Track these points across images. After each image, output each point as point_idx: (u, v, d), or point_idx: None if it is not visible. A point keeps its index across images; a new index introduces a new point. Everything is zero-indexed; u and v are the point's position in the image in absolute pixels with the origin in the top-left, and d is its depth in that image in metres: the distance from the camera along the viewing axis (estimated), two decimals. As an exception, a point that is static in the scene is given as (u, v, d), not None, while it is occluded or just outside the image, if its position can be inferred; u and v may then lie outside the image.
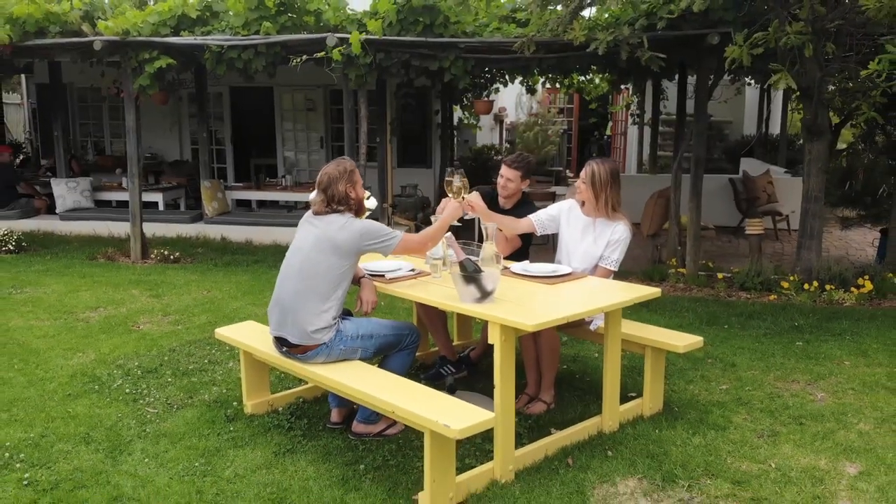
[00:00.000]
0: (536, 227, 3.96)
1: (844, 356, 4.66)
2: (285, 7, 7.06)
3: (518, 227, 3.97)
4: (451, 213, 3.54)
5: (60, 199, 9.43)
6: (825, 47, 5.72)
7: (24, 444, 3.41)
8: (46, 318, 5.48)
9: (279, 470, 3.13)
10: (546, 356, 3.70)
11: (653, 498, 2.94)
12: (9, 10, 7.32)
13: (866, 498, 2.97)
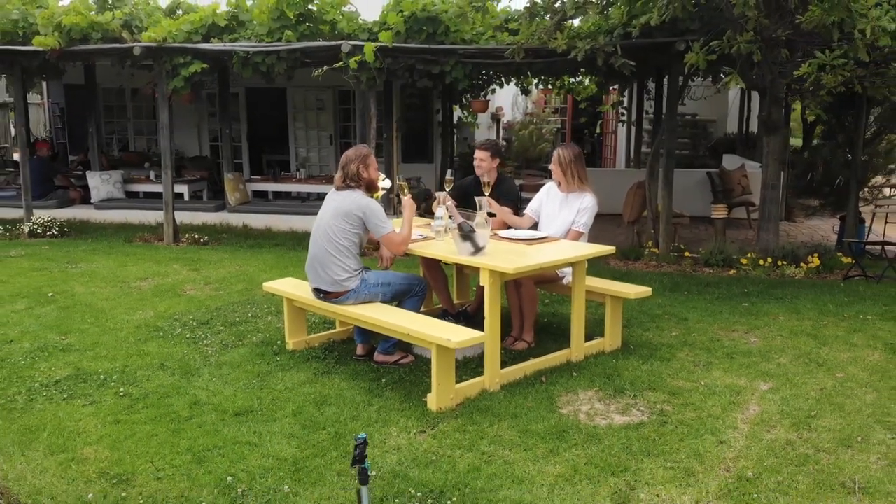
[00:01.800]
0: (535, 217, 4.90)
1: (780, 313, 5.57)
2: (304, 17, 7.97)
3: (523, 224, 4.89)
4: (410, 212, 4.35)
5: (95, 190, 10.34)
6: (780, 53, 6.62)
7: (112, 371, 4.32)
8: (104, 286, 6.39)
9: (319, 384, 4.04)
10: (526, 304, 4.61)
11: (605, 403, 3.85)
12: (58, 19, 8.23)
13: (770, 404, 3.87)
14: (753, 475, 3.13)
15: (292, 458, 3.26)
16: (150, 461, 3.26)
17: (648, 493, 2.99)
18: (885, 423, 3.65)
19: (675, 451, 3.34)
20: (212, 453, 3.31)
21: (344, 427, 3.54)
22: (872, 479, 3.12)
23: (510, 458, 3.26)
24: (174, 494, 3.00)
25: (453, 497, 2.93)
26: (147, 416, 3.71)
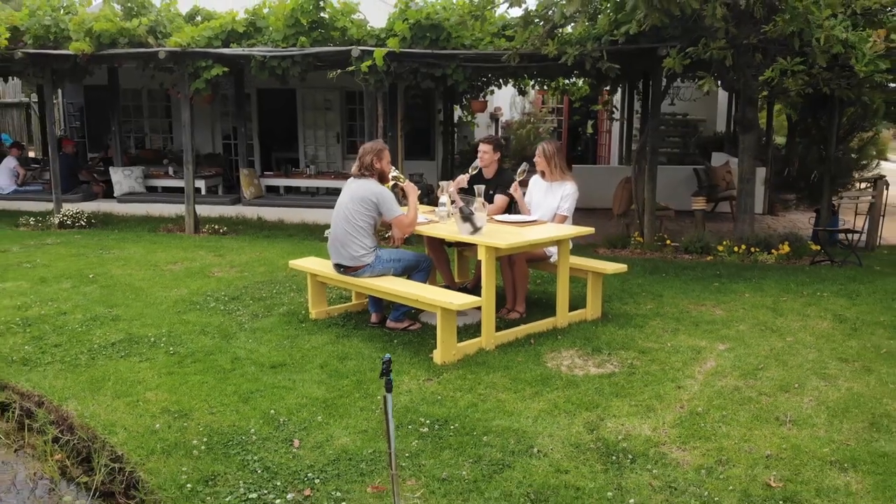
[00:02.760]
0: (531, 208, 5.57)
1: (746, 291, 6.24)
2: (317, 24, 8.63)
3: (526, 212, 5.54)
4: (414, 196, 4.98)
5: (118, 185, 11.00)
6: (753, 57, 7.28)
7: (159, 336, 4.99)
8: (138, 269, 7.06)
9: (340, 345, 4.72)
10: (518, 280, 5.28)
11: (584, 358, 4.53)
12: (89, 26, 8.89)
13: (725, 360, 4.54)
14: (702, 411, 3.80)
15: (322, 398, 3.93)
16: (203, 401, 3.94)
17: (615, 423, 3.66)
18: (821, 374, 4.32)
19: (639, 393, 4.01)
20: (254, 395, 3.98)
21: (363, 376, 4.22)
22: (802, 415, 3.78)
23: (502, 398, 3.93)
24: (227, 424, 3.67)
25: (455, 424, 3.61)
26: (195, 369, 4.38)
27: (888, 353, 4.71)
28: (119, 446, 3.58)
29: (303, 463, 3.29)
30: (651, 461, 3.29)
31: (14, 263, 7.35)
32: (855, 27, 6.03)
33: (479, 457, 3.32)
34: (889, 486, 3.10)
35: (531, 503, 2.97)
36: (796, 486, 3.10)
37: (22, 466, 3.88)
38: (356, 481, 3.14)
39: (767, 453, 3.37)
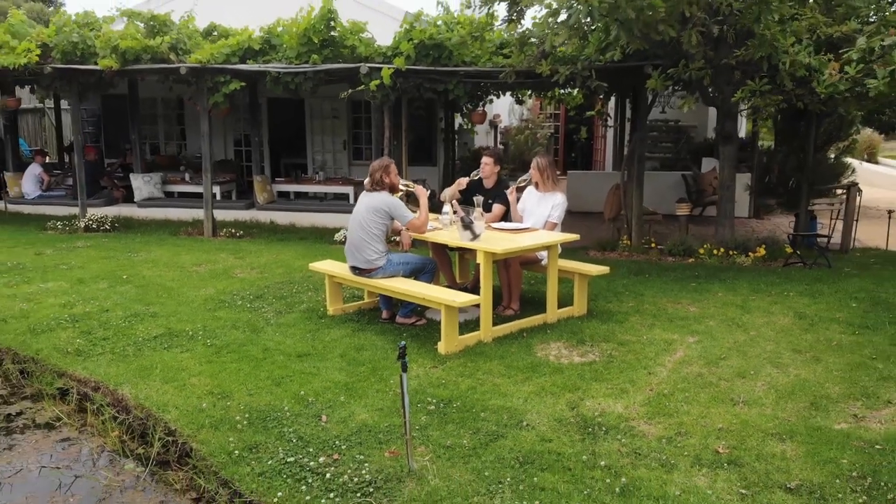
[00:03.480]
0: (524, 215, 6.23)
1: (720, 291, 6.89)
2: (327, 42, 9.28)
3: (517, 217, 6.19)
4: (424, 198, 5.65)
5: (138, 191, 11.66)
6: (732, 75, 7.92)
7: (196, 330, 5.64)
8: (167, 270, 7.72)
9: (356, 337, 5.37)
10: (513, 281, 5.94)
11: (569, 349, 5.18)
12: (115, 43, 9.54)
13: (693, 351, 5.19)
14: (668, 393, 4.45)
15: (343, 382, 4.58)
16: (241, 384, 4.59)
17: (592, 402, 4.31)
18: (775, 363, 4.97)
19: (615, 378, 4.66)
20: (285, 380, 4.64)
21: (378, 364, 4.87)
22: (753, 397, 4.43)
23: (497, 382, 4.58)
24: (263, 403, 4.33)
25: (457, 403, 4.26)
26: (231, 358, 5.04)
27: (838, 345, 5.36)
28: (172, 422, 4.23)
29: (330, 434, 3.94)
30: (621, 433, 3.94)
31: (51, 265, 8.01)
32: (818, 52, 6.67)
33: (478, 429, 3.97)
34: (818, 453, 3.74)
35: (520, 465, 3.61)
36: (740, 453, 3.74)
37: (86, 441, 4.53)
38: (375, 448, 3.79)
39: (720, 427, 4.02)
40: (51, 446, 4.45)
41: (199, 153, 14.18)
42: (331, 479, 3.50)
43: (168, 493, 3.87)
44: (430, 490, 3.37)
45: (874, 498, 3.34)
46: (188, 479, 3.92)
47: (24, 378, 5.35)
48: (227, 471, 3.69)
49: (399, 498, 3.33)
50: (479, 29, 8.70)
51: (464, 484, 3.43)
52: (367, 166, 12.99)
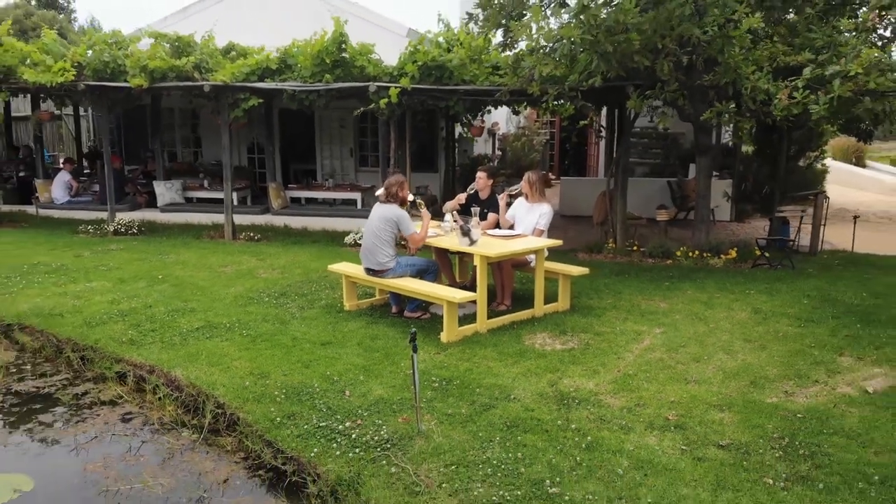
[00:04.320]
0: (511, 220, 7.10)
1: (689, 289, 7.78)
2: (339, 63, 10.16)
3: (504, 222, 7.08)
4: (427, 221, 6.54)
5: (160, 196, 12.54)
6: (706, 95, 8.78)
7: (232, 323, 6.53)
8: (197, 270, 8.60)
9: (370, 329, 6.26)
10: (505, 280, 6.82)
11: (552, 339, 6.07)
12: (143, 63, 10.43)
13: (658, 340, 6.07)
14: (632, 373, 5.34)
15: (361, 364, 5.47)
16: (276, 366, 5.48)
17: (569, 381, 5.20)
18: (727, 350, 5.86)
19: (589, 362, 5.55)
20: (313, 363, 5.52)
21: (390, 350, 5.76)
22: (703, 377, 5.32)
23: (490, 365, 5.47)
24: (296, 381, 5.21)
25: (456, 381, 5.15)
26: (266, 346, 5.93)
27: (783, 335, 6.25)
28: (220, 397, 5.12)
29: (353, 404, 4.83)
30: (591, 404, 4.83)
31: (91, 267, 8.90)
32: (777, 78, 7.54)
33: (473, 401, 4.85)
34: (749, 420, 4.63)
35: (507, 428, 4.50)
36: (686, 420, 4.63)
37: (146, 415, 5.42)
38: (390, 415, 4.67)
39: (672, 400, 4.91)
40: (116, 419, 5.33)
41: (214, 160, 15.11)
42: (356, 438, 4.39)
43: (221, 454, 4.76)
44: (436, 446, 4.26)
45: (788, 453, 4.22)
46: (237, 442, 4.81)
47: (85, 364, 6.24)
48: (271, 434, 4.58)
49: (411, 451, 4.22)
50: (477, 52, 9.57)
51: (462, 442, 4.32)
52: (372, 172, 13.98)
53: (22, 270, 8.72)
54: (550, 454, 4.16)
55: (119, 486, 4.41)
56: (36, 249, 10.05)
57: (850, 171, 25.47)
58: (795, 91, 6.53)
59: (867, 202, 19.67)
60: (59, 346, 6.57)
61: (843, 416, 4.69)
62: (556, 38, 7.18)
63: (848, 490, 3.83)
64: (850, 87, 6.15)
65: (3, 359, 6.48)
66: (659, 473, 3.97)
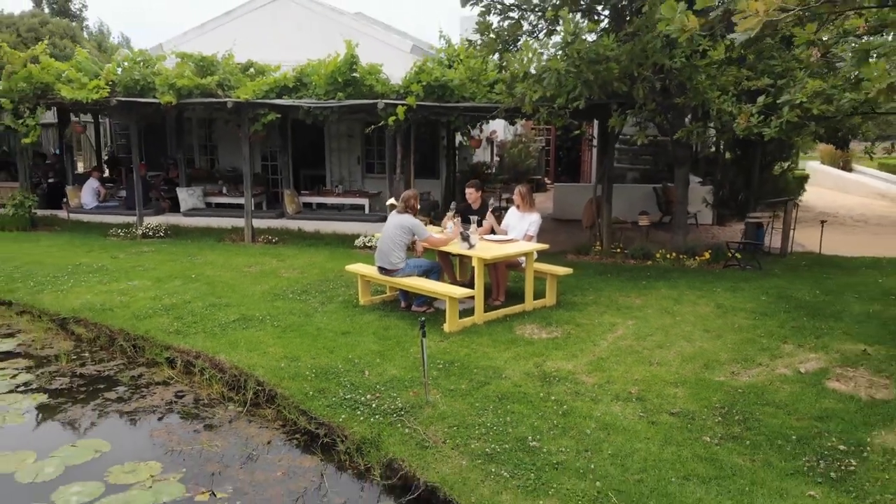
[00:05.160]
0: (506, 229, 8.10)
1: (663, 287, 8.79)
2: (350, 82, 11.18)
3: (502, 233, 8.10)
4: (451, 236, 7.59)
5: (183, 202, 13.56)
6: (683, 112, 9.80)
7: (263, 316, 7.53)
8: (225, 270, 9.62)
9: (383, 321, 7.28)
10: (500, 279, 7.84)
11: (539, 329, 7.08)
12: (172, 81, 11.44)
13: (629, 330, 7.08)
14: (605, 357, 6.35)
15: (377, 350, 6.49)
16: (305, 352, 6.49)
17: (552, 363, 6.21)
18: (688, 339, 6.87)
19: (570, 348, 6.56)
20: (336, 349, 6.54)
21: (401, 339, 6.77)
22: (665, 360, 6.33)
23: (486, 351, 6.48)
24: (323, 363, 6.22)
25: (457, 363, 6.16)
26: (295, 335, 6.94)
27: (738, 327, 7.26)
28: (260, 377, 6.13)
29: (372, 381, 5.84)
30: (568, 381, 5.84)
31: (129, 267, 9.91)
32: (741, 100, 8.54)
33: (471, 379, 5.86)
34: (698, 394, 5.62)
35: (498, 400, 5.50)
36: (646, 393, 5.63)
37: (195, 392, 6.42)
38: (402, 390, 5.68)
39: (636, 378, 5.92)
40: (171, 395, 6.34)
41: (230, 167, 16.14)
42: (375, 407, 5.40)
43: (263, 422, 5.77)
44: (440, 412, 5.27)
45: (726, 419, 5.23)
46: (275, 412, 5.82)
47: (137, 351, 7.25)
48: (305, 405, 5.59)
49: (420, 417, 5.23)
50: (476, 73, 10.58)
51: (461, 410, 5.33)
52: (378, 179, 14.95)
53: (67, 270, 9.74)
54: (533, 419, 5.18)
55: (182, 447, 5.42)
56: (75, 251, 11.07)
57: (836, 176, 26.46)
58: (751, 116, 7.51)
59: (849, 205, 20.69)
60: (111, 336, 7.58)
61: (776, 392, 5.70)
62: (545, 68, 8.17)
63: (769, 446, 4.83)
64: (797, 113, 7.13)
65: (64, 347, 7.49)
66: (619, 433, 4.98)
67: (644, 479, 4.40)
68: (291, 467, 5.07)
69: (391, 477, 4.75)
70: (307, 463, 5.12)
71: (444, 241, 7.60)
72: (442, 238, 7.62)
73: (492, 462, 4.61)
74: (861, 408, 5.41)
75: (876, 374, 6.06)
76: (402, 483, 4.69)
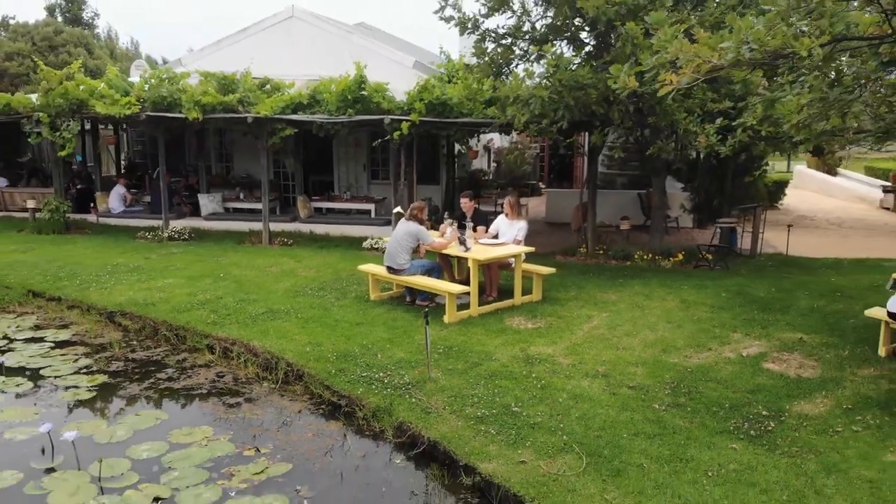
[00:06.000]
0: (495, 232, 9.29)
1: (636, 285, 9.96)
2: (359, 99, 12.35)
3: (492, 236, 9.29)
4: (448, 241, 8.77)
5: (204, 207, 14.74)
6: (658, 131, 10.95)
7: (288, 309, 8.71)
8: (249, 270, 10.79)
9: (391, 314, 8.46)
10: (492, 277, 9.03)
11: (526, 320, 8.26)
12: (197, 98, 12.61)
13: (603, 321, 8.26)
14: (580, 343, 7.53)
15: (387, 337, 7.66)
16: (326, 339, 7.67)
17: (535, 348, 7.38)
18: (652, 328, 8.04)
19: (551, 336, 7.73)
20: (352, 336, 7.71)
21: (407, 328, 7.94)
22: (630, 346, 7.50)
23: (480, 338, 7.66)
24: (342, 348, 7.40)
25: (455, 348, 7.33)
26: (316, 325, 8.11)
27: (697, 319, 8.43)
28: (289, 359, 7.30)
29: (383, 362, 7.01)
30: (548, 363, 7.01)
31: (162, 267, 11.09)
32: (703, 121, 9.71)
33: (467, 360, 7.04)
34: (654, 372, 6.80)
35: (489, 377, 6.67)
36: (611, 372, 6.80)
37: (232, 373, 7.59)
38: (409, 369, 6.85)
39: (604, 360, 7.09)
40: (213, 375, 7.51)
41: (244, 173, 17.31)
42: (387, 382, 6.57)
43: (293, 396, 6.94)
44: (441, 386, 6.45)
45: (674, 391, 6.39)
46: (303, 388, 6.99)
47: (179, 339, 8.42)
48: (329, 381, 6.76)
49: (424, 390, 6.40)
50: (473, 93, 11.75)
51: (458, 384, 6.50)
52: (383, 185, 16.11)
53: (107, 270, 10.91)
54: (516, 391, 6.35)
55: (227, 416, 6.59)
56: (110, 253, 12.25)
57: (821, 179, 27.58)
58: (710, 136, 8.69)
59: (828, 208, 21.83)
60: (155, 327, 8.75)
61: (719, 371, 6.87)
62: (531, 94, 9.34)
63: (706, 412, 6.00)
64: (748, 134, 8.30)
65: (114, 336, 8.66)
66: (586, 402, 6.15)
67: (602, 435, 5.57)
68: (319, 430, 6.25)
69: (401, 436, 5.91)
70: (332, 427, 6.30)
71: (444, 244, 8.79)
72: (442, 242, 8.82)
73: (482, 423, 5.79)
74: (788, 384, 6.58)
75: (807, 357, 7.23)
76: (409, 441, 5.85)
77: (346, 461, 5.73)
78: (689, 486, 4.85)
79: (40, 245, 13.05)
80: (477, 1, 10.71)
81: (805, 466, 5.13)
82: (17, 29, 31.84)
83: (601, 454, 5.26)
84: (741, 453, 5.30)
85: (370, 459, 5.75)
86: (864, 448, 5.39)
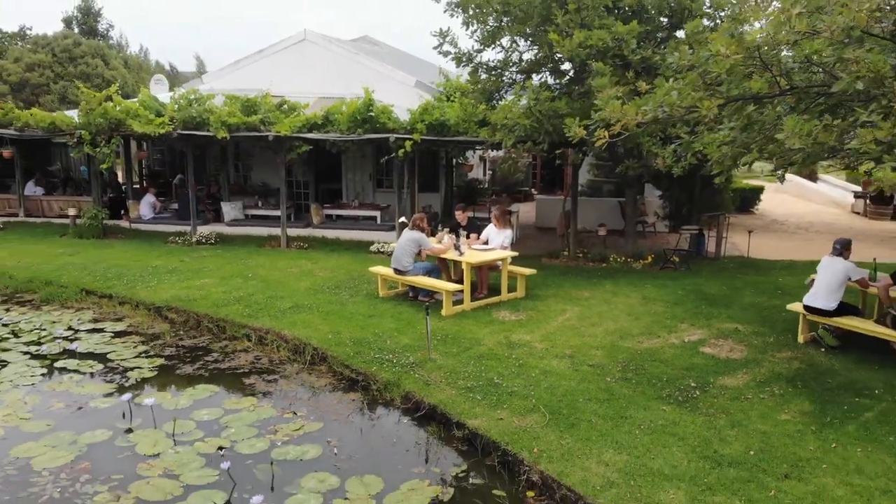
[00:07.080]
0: (485, 239, 10.93)
1: (607, 283, 11.60)
2: (367, 120, 13.99)
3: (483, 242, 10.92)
4: (446, 247, 10.42)
5: (227, 214, 16.36)
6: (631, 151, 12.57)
7: (311, 304, 10.35)
8: (273, 271, 12.43)
9: (398, 308, 10.10)
10: (483, 277, 10.66)
11: (510, 313, 9.89)
12: (224, 119, 14.25)
13: (575, 314, 9.89)
14: (553, 332, 9.16)
15: (395, 327, 9.30)
16: (344, 328, 9.30)
17: (516, 336, 9.01)
18: (613, 320, 9.67)
19: (530, 326, 9.37)
20: (365, 326, 9.35)
21: (411, 320, 9.58)
22: (593, 334, 9.13)
23: (472, 328, 9.29)
24: (358, 336, 9.03)
25: (450, 336, 8.97)
26: (334, 318, 9.75)
27: (653, 312, 10.06)
28: (315, 344, 8.93)
29: (392, 347, 8.64)
30: (525, 347, 8.64)
31: (196, 269, 12.72)
32: (664, 144, 11.32)
33: (460, 345, 8.66)
34: (610, 353, 8.43)
35: (478, 358, 8.30)
36: (576, 354, 8.43)
37: (267, 356, 9.22)
38: (414, 352, 8.47)
39: (571, 344, 8.72)
40: (251, 358, 9.14)
41: (260, 182, 18.94)
42: (396, 362, 8.21)
43: (319, 374, 8.57)
44: (439, 365, 8.08)
45: (624, 368, 8.02)
46: (327, 368, 8.62)
47: (220, 329, 10.04)
48: (348, 361, 8.40)
49: (425, 368, 8.03)
50: (469, 115, 13.39)
51: (453, 364, 8.14)
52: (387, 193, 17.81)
53: (148, 271, 12.55)
54: (499, 368, 7.98)
55: (268, 389, 8.23)
56: (146, 256, 13.88)
57: (799, 184, 29.13)
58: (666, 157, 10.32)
59: (802, 213, 23.40)
60: (198, 319, 10.38)
61: (663, 353, 8.50)
62: (515, 123, 10.97)
63: (647, 383, 7.63)
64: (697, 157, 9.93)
65: (163, 328, 10.28)
66: (553, 376, 7.79)
67: (563, 400, 7.20)
68: (342, 399, 7.88)
69: (407, 403, 7.55)
70: (352, 396, 7.93)
71: (442, 249, 10.43)
72: (440, 247, 10.45)
73: (471, 392, 7.42)
74: (717, 363, 8.21)
75: (738, 343, 8.86)
76: (414, 406, 7.48)
77: (364, 421, 7.37)
78: (626, 435, 6.48)
79: (83, 249, 14.67)
80: (471, 38, 12.33)
81: (716, 422, 6.75)
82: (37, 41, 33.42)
83: (561, 413, 6.89)
84: (669, 413, 6.92)
85: (383, 420, 7.39)
86: (765, 410, 7.02)
